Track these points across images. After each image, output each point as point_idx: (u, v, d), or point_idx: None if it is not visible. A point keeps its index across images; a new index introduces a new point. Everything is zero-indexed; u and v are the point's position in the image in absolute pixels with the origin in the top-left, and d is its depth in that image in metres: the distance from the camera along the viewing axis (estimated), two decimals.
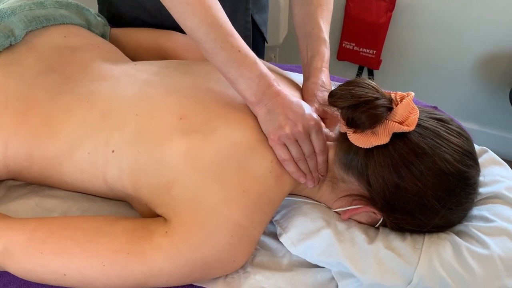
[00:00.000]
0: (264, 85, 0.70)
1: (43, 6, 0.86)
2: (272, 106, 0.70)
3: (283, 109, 0.70)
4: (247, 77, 0.70)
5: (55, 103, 0.75)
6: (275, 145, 0.70)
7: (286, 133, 0.69)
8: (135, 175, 0.70)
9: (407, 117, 0.67)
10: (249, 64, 0.70)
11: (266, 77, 0.71)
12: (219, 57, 0.70)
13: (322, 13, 0.92)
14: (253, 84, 0.70)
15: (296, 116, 0.70)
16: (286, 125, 0.69)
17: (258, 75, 0.70)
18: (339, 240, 0.70)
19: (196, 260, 0.65)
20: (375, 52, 1.93)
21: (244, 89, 0.71)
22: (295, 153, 0.70)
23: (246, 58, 0.70)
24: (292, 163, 0.70)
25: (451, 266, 0.65)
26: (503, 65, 1.84)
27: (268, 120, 0.70)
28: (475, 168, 0.69)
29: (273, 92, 0.70)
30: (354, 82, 0.69)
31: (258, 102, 0.71)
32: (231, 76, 0.71)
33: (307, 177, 0.72)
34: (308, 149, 0.71)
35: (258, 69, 0.70)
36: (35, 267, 0.65)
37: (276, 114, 0.70)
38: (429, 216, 0.67)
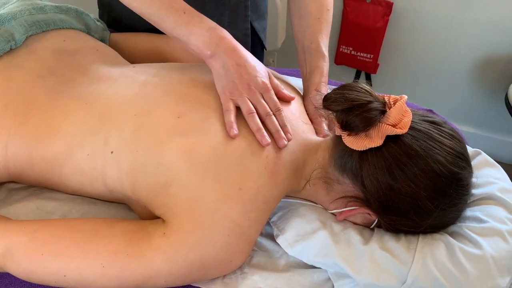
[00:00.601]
0: (216, 37, 0.74)
1: (43, 11, 0.87)
2: (227, 61, 0.73)
3: (238, 68, 0.73)
4: (197, 33, 0.74)
5: (54, 105, 0.76)
6: (228, 101, 0.73)
7: (240, 92, 0.72)
8: (134, 176, 0.71)
9: (400, 120, 0.68)
10: (196, 22, 0.74)
11: (217, 30, 0.74)
12: (167, 23, 0.75)
13: (321, 26, 0.93)
14: (204, 38, 0.74)
15: (250, 77, 0.73)
16: (240, 83, 0.73)
17: (207, 29, 0.74)
18: (335, 241, 0.71)
19: (194, 260, 0.66)
20: (372, 56, 1.94)
21: (197, 44, 0.74)
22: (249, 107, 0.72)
23: (192, 17, 0.75)
24: (257, 117, 0.72)
25: (445, 266, 0.66)
26: (499, 68, 1.85)
27: (222, 75, 0.74)
28: (468, 170, 0.70)
29: (227, 45, 0.74)
30: (348, 86, 0.70)
31: (213, 55, 0.74)
32: (183, 37, 0.75)
33: (276, 136, 0.72)
34: (264, 106, 0.73)
35: (207, 24, 0.75)
36: (35, 268, 0.66)
37: (231, 72, 0.73)
38: (422, 217, 0.68)
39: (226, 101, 0.73)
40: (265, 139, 0.71)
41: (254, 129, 0.72)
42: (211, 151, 0.69)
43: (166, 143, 0.70)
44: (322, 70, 0.89)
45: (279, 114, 0.74)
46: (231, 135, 0.70)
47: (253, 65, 0.75)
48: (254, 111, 0.73)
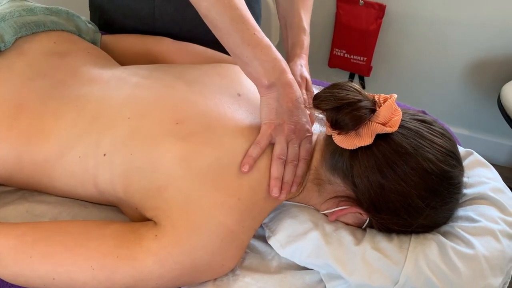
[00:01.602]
0: (279, 69, 0.71)
1: (33, 12, 0.87)
2: (282, 96, 0.71)
3: (291, 107, 0.71)
4: (262, 59, 0.70)
5: (45, 107, 0.75)
6: (267, 135, 0.71)
7: (283, 130, 0.71)
8: (127, 178, 0.70)
9: (390, 118, 0.68)
10: (264, 47, 0.70)
11: (281, 62, 0.71)
12: (233, 38, 0.70)
13: (304, 3, 0.96)
14: (268, 67, 0.70)
15: (298, 119, 0.72)
16: (287, 122, 0.71)
17: (273, 58, 0.70)
18: (326, 242, 0.70)
19: (185, 263, 0.66)
20: (365, 59, 1.95)
21: (259, 71, 0.70)
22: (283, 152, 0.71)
23: (262, 41, 0.70)
24: (283, 164, 0.71)
25: (437, 266, 0.66)
26: (491, 70, 1.86)
27: (273, 109, 0.71)
28: (459, 168, 0.70)
29: (287, 81, 0.71)
30: (338, 85, 0.70)
31: (270, 86, 0.71)
32: (245, 58, 0.70)
33: (283, 186, 0.71)
34: (295, 153, 0.72)
35: (273, 52, 0.71)
36: (24, 272, 0.65)
37: (283, 107, 0.71)
38: (413, 216, 0.68)
39: (265, 135, 0.71)
40: (276, 190, 0.70)
41: (273, 175, 0.71)
42: (213, 161, 0.68)
43: (163, 148, 0.69)
44: (302, 43, 0.91)
45: (303, 163, 0.73)
46: (242, 170, 0.69)
47: (304, 109, 0.73)
48: (284, 158, 0.71)
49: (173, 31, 1.05)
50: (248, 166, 0.69)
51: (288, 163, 0.72)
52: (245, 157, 0.70)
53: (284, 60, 0.72)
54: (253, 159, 0.70)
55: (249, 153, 0.70)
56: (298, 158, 0.73)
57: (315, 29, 1.99)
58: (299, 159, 0.73)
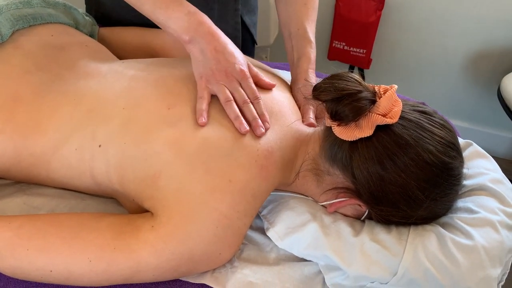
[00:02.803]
0: (195, 22, 0.73)
1: (30, 5, 0.86)
2: (205, 46, 0.73)
3: (216, 54, 0.72)
4: (175, 17, 0.73)
5: (41, 100, 0.75)
6: (204, 88, 0.72)
7: (217, 79, 0.72)
8: (122, 168, 0.70)
9: (390, 109, 0.67)
10: (176, 5, 0.73)
11: (196, 15, 0.74)
12: (146, 6, 0.74)
13: (308, 13, 0.92)
14: (183, 23, 0.73)
15: (227, 63, 0.73)
16: (217, 70, 0.72)
17: (186, 13, 0.73)
18: (325, 233, 0.70)
19: (182, 253, 0.65)
20: (365, 52, 1.94)
21: (175, 29, 0.73)
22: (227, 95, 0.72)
23: (172, 1, 0.73)
24: (234, 104, 0.71)
25: (436, 257, 0.66)
26: (491, 62, 1.86)
27: (200, 61, 0.73)
28: (459, 159, 0.69)
29: (206, 30, 0.73)
30: (338, 76, 0.69)
31: (191, 40, 0.73)
32: (161, 21, 0.74)
33: (253, 124, 0.71)
34: (241, 94, 0.73)
35: (186, 8, 0.74)
36: (21, 264, 0.65)
37: (208, 58, 0.72)
38: (413, 207, 0.67)
39: (202, 89, 0.73)
40: (243, 127, 0.70)
41: (232, 117, 0.71)
42: (201, 142, 0.68)
43: (154, 134, 0.69)
44: (309, 56, 0.89)
45: (257, 102, 0.74)
46: (199, 123, 0.69)
47: (232, 51, 0.74)
48: (231, 99, 0.72)
49: None
50: (203, 117, 0.70)
51: (242, 105, 0.72)
52: (197, 112, 0.71)
53: (200, 13, 0.74)
54: (203, 111, 0.70)
55: (198, 108, 0.71)
56: (250, 99, 0.73)
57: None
58: (251, 99, 0.73)
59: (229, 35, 0.77)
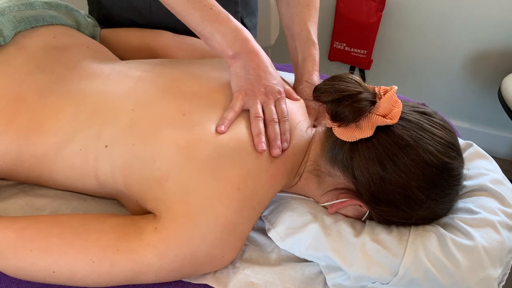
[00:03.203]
0: (241, 38, 0.73)
1: (32, 7, 0.87)
2: (248, 64, 0.73)
3: (259, 71, 0.73)
4: (222, 31, 0.73)
5: (44, 102, 0.75)
6: (239, 100, 0.72)
7: (254, 94, 0.72)
8: (128, 169, 0.70)
9: (390, 110, 0.67)
10: (223, 20, 0.73)
11: (242, 31, 0.74)
12: (192, 17, 0.73)
13: (310, 14, 0.93)
14: (229, 38, 0.73)
15: (267, 82, 0.73)
16: (257, 86, 0.73)
17: (233, 29, 0.73)
18: (326, 234, 0.70)
19: (185, 255, 0.66)
20: (366, 52, 1.94)
21: (221, 43, 0.73)
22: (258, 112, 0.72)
23: (220, 14, 0.73)
24: (261, 122, 0.72)
25: (437, 258, 0.66)
26: (492, 63, 1.86)
27: (241, 76, 0.73)
28: (459, 160, 0.70)
29: (250, 48, 0.74)
30: (338, 77, 0.70)
31: (235, 56, 0.74)
32: (206, 33, 0.74)
33: (272, 143, 0.71)
34: (271, 112, 0.73)
35: (233, 23, 0.74)
36: (24, 265, 0.66)
37: (250, 74, 0.73)
38: (413, 208, 0.68)
39: (237, 100, 0.73)
40: (261, 145, 0.70)
41: (254, 132, 0.71)
42: (213, 150, 0.68)
43: (165, 137, 0.69)
44: (314, 58, 0.90)
45: (283, 122, 0.74)
46: (218, 130, 0.69)
47: (272, 72, 0.75)
48: (261, 117, 0.72)
49: (170, 24, 1.04)
50: (224, 126, 0.70)
51: (268, 123, 0.72)
52: (221, 119, 0.70)
53: (246, 29, 0.74)
54: (228, 120, 0.70)
55: (224, 116, 0.71)
56: (278, 118, 0.73)
57: None
58: (279, 119, 0.73)
59: None
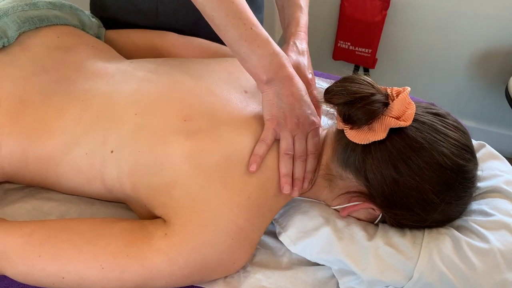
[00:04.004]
0: (277, 64, 0.69)
1: (36, 7, 0.86)
2: (282, 91, 0.69)
3: (292, 100, 0.69)
4: (259, 54, 0.68)
5: (49, 102, 0.74)
6: (271, 131, 0.70)
7: (287, 125, 0.69)
8: (135, 175, 0.69)
9: (404, 112, 0.66)
10: (262, 42, 0.68)
11: (279, 56, 0.69)
12: (230, 34, 0.68)
13: None
14: (265, 62, 0.68)
15: (301, 112, 0.70)
16: (290, 117, 0.69)
17: (271, 53, 0.69)
18: (338, 238, 0.69)
19: (196, 261, 0.65)
20: (370, 51, 1.93)
21: (256, 66, 0.69)
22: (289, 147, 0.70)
23: (259, 35, 0.68)
24: (291, 160, 0.70)
25: (452, 261, 0.65)
26: (498, 61, 1.84)
27: (274, 104, 0.69)
28: (473, 162, 0.68)
29: (286, 74, 0.69)
30: (350, 79, 0.68)
31: (269, 82, 0.69)
32: (243, 53, 0.69)
33: (294, 183, 0.70)
34: (302, 147, 0.71)
35: (272, 47, 0.69)
36: (33, 271, 0.65)
37: (283, 102, 0.69)
38: (428, 211, 0.67)
39: (269, 131, 0.70)
40: (287, 187, 0.69)
41: (282, 172, 0.69)
42: (221, 159, 0.67)
43: (170, 145, 0.68)
44: (298, 20, 0.88)
45: (312, 158, 0.72)
46: (250, 170, 0.67)
47: (307, 101, 0.71)
48: (291, 154, 0.70)
49: (177, 25, 1.04)
50: (256, 165, 0.68)
51: (296, 159, 0.70)
52: (252, 156, 0.68)
53: (284, 55, 0.70)
54: (260, 157, 0.68)
55: (255, 152, 0.69)
56: (307, 153, 0.72)
57: (319, 21, 1.99)
58: (308, 154, 0.72)
59: None
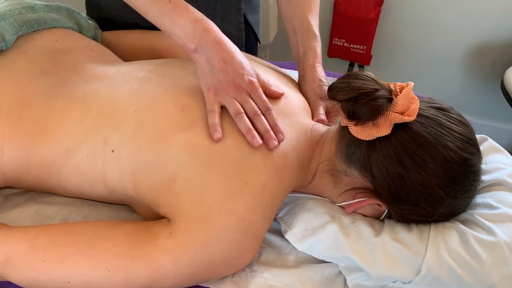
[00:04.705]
0: (201, 29, 0.69)
1: (33, 10, 0.85)
2: (212, 56, 0.69)
3: (224, 65, 0.69)
4: (181, 24, 0.69)
5: (50, 106, 0.74)
6: (213, 101, 0.69)
7: (225, 91, 0.69)
8: (137, 175, 0.69)
9: (408, 107, 0.66)
10: (182, 12, 0.70)
11: (202, 21, 0.70)
12: (151, 12, 0.71)
13: (311, 6, 0.92)
14: (189, 30, 0.69)
15: (236, 75, 0.70)
16: (225, 82, 0.69)
17: (192, 20, 0.70)
18: (345, 234, 0.69)
19: (202, 259, 0.64)
20: (365, 48, 1.94)
21: (181, 36, 0.70)
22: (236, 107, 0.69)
23: (178, 7, 0.70)
24: (245, 117, 0.69)
25: (459, 255, 0.65)
26: (492, 55, 1.86)
27: (207, 72, 0.70)
28: (478, 155, 0.69)
29: (212, 38, 0.70)
30: (353, 75, 0.68)
31: (197, 49, 0.70)
32: (167, 28, 0.71)
33: (266, 136, 0.69)
34: (252, 107, 0.70)
35: (191, 15, 0.70)
36: (38, 276, 0.64)
37: (216, 68, 0.69)
38: (434, 205, 0.67)
39: (211, 101, 0.70)
40: (256, 140, 0.68)
41: (243, 130, 0.69)
42: (217, 147, 0.67)
43: (169, 137, 0.68)
44: (315, 51, 0.88)
45: (268, 113, 0.71)
46: (214, 138, 0.67)
47: (240, 61, 0.71)
48: (242, 112, 0.69)
49: None
50: (217, 132, 0.67)
51: (252, 117, 0.70)
52: (210, 126, 0.68)
53: (208, 20, 0.71)
54: (216, 125, 0.68)
55: (209, 122, 0.69)
56: (261, 110, 0.71)
57: None
58: (262, 111, 0.71)
59: (233, 35, 0.75)
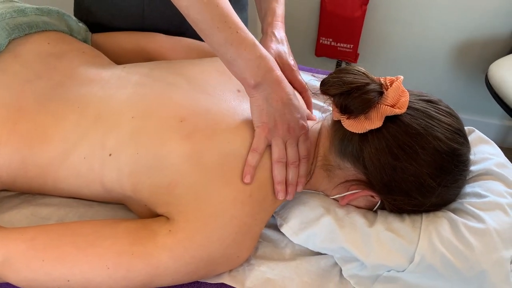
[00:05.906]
0: (265, 68, 0.68)
1: (24, 13, 0.85)
2: (271, 95, 0.68)
3: (282, 105, 0.69)
4: (246, 58, 0.67)
5: (45, 110, 0.74)
6: (262, 139, 0.69)
7: (278, 131, 0.69)
8: (135, 177, 0.70)
9: (398, 100, 0.68)
10: (248, 45, 0.67)
11: (267, 60, 0.68)
12: (215, 38, 0.66)
13: None
14: (253, 66, 0.67)
15: (291, 117, 0.70)
16: (280, 123, 0.69)
17: (258, 56, 0.67)
18: (340, 226, 0.71)
19: (201, 257, 0.65)
20: (352, 46, 1.95)
21: (243, 71, 0.68)
22: (282, 154, 0.70)
23: (245, 39, 0.67)
24: (284, 167, 0.70)
25: (450, 242, 0.67)
26: (476, 51, 1.89)
27: (263, 110, 0.69)
28: (466, 145, 0.71)
29: (274, 78, 0.68)
30: (344, 70, 0.70)
31: (257, 86, 0.68)
32: (229, 58, 0.67)
33: (289, 188, 0.71)
34: (294, 153, 0.71)
35: (258, 50, 0.67)
36: (37, 276, 0.64)
37: (273, 107, 0.68)
38: (426, 195, 0.69)
39: (261, 139, 0.69)
40: (281, 195, 0.70)
41: (276, 179, 0.70)
42: (220, 157, 0.68)
43: (168, 146, 0.68)
44: (274, 10, 0.91)
45: (305, 162, 0.72)
46: (244, 181, 0.67)
47: (296, 104, 0.70)
48: (284, 161, 0.70)
49: (164, 27, 1.03)
50: (250, 176, 0.67)
51: (289, 165, 0.71)
52: (245, 166, 0.68)
53: (271, 58, 0.69)
54: (253, 168, 0.68)
55: (248, 162, 0.68)
56: (299, 158, 0.72)
57: (300, 18, 2.00)
58: (300, 159, 0.72)
59: None
